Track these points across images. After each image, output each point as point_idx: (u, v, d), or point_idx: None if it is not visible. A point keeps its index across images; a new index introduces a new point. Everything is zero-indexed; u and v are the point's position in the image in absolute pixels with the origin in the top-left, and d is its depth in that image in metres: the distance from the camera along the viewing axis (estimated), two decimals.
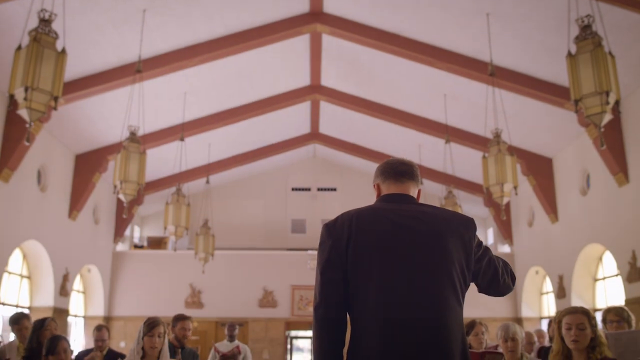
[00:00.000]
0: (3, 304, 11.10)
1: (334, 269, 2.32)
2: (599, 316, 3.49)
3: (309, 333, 16.95)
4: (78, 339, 15.05)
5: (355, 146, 16.73)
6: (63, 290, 13.20)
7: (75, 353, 6.72)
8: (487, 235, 19.09)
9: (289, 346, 17.28)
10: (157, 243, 17.77)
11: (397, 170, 2.53)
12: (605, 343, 3.12)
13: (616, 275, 11.59)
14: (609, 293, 12.15)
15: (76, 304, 15.23)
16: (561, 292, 13.40)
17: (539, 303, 16.14)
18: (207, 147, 15.19)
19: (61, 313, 13.05)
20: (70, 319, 14.20)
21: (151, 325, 3.85)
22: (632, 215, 10.43)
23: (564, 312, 3.20)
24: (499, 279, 2.51)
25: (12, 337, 6.14)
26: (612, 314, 3.86)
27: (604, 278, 12.51)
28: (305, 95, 13.93)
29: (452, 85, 11.75)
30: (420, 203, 2.49)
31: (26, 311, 12.34)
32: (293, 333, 17.40)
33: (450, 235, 2.33)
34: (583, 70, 6.18)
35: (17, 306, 11.95)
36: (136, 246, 18.29)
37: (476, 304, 15.44)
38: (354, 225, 2.34)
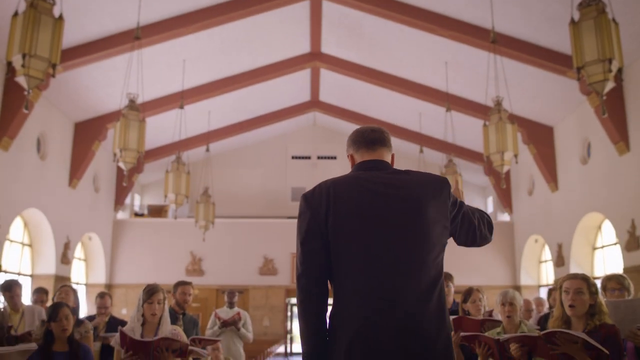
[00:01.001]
0: (5, 271, 11.16)
1: (314, 239, 2.33)
2: (598, 284, 3.49)
3: None
4: (80, 306, 15.15)
5: (355, 114, 16.66)
6: (64, 258, 13.28)
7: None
8: (487, 203, 19.13)
9: (289, 313, 17.45)
10: (157, 211, 17.82)
11: (368, 139, 2.53)
12: (605, 311, 3.13)
13: (615, 244, 11.64)
14: (608, 262, 12.21)
15: (77, 272, 15.33)
16: (560, 261, 13.47)
17: (538, 271, 16.25)
18: (206, 115, 15.13)
19: (62, 281, 13.11)
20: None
21: (150, 292, 3.87)
22: (632, 184, 10.43)
23: (565, 278, 3.22)
24: (476, 232, 2.53)
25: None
26: (614, 282, 3.86)
27: (602, 247, 12.56)
28: (306, 63, 13.82)
29: (454, 52, 11.65)
30: (395, 169, 2.50)
31: (28, 279, 12.45)
32: (293, 300, 17.53)
33: (426, 198, 2.34)
34: (586, 37, 6.11)
35: (19, 274, 12.03)
36: (137, 214, 18.35)
37: (475, 272, 15.63)
38: (331, 194, 2.35)
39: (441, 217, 2.36)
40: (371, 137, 2.53)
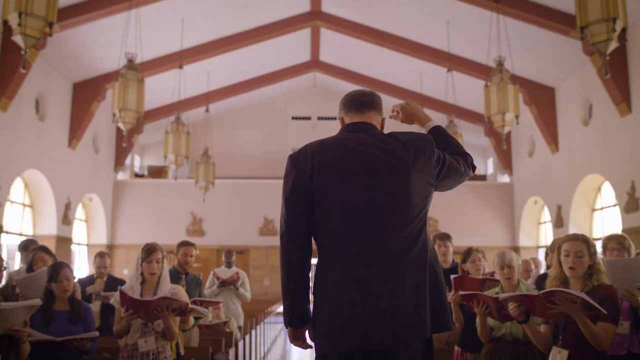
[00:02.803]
0: (7, 232, 11.21)
1: (299, 199, 2.37)
2: (597, 245, 3.50)
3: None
4: (82, 267, 15.30)
5: (356, 74, 16.53)
6: (65, 219, 13.32)
7: (76, 279, 6.83)
8: (487, 165, 19.12)
9: None
10: (157, 172, 17.84)
11: (358, 101, 2.58)
12: (603, 271, 3.14)
13: (614, 205, 11.66)
14: (607, 223, 12.26)
15: (79, 232, 15.41)
16: (559, 222, 13.52)
17: (537, 232, 16.32)
18: (206, 75, 15.02)
19: (64, 241, 13.21)
20: (73, 246, 14.39)
21: (149, 251, 3.88)
22: (632, 145, 10.40)
23: (564, 239, 3.21)
24: (461, 175, 2.55)
25: (17, 264, 6.21)
26: (614, 242, 3.87)
27: (602, 208, 12.60)
28: (306, 22, 13.65)
29: (456, 12, 11.50)
30: (380, 132, 2.52)
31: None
32: None
33: (411, 158, 2.36)
34: None
35: (20, 234, 12.08)
36: (137, 175, 18.37)
37: (474, 233, 15.71)
38: (317, 156, 2.39)
39: (426, 174, 2.39)
40: (361, 100, 2.58)
